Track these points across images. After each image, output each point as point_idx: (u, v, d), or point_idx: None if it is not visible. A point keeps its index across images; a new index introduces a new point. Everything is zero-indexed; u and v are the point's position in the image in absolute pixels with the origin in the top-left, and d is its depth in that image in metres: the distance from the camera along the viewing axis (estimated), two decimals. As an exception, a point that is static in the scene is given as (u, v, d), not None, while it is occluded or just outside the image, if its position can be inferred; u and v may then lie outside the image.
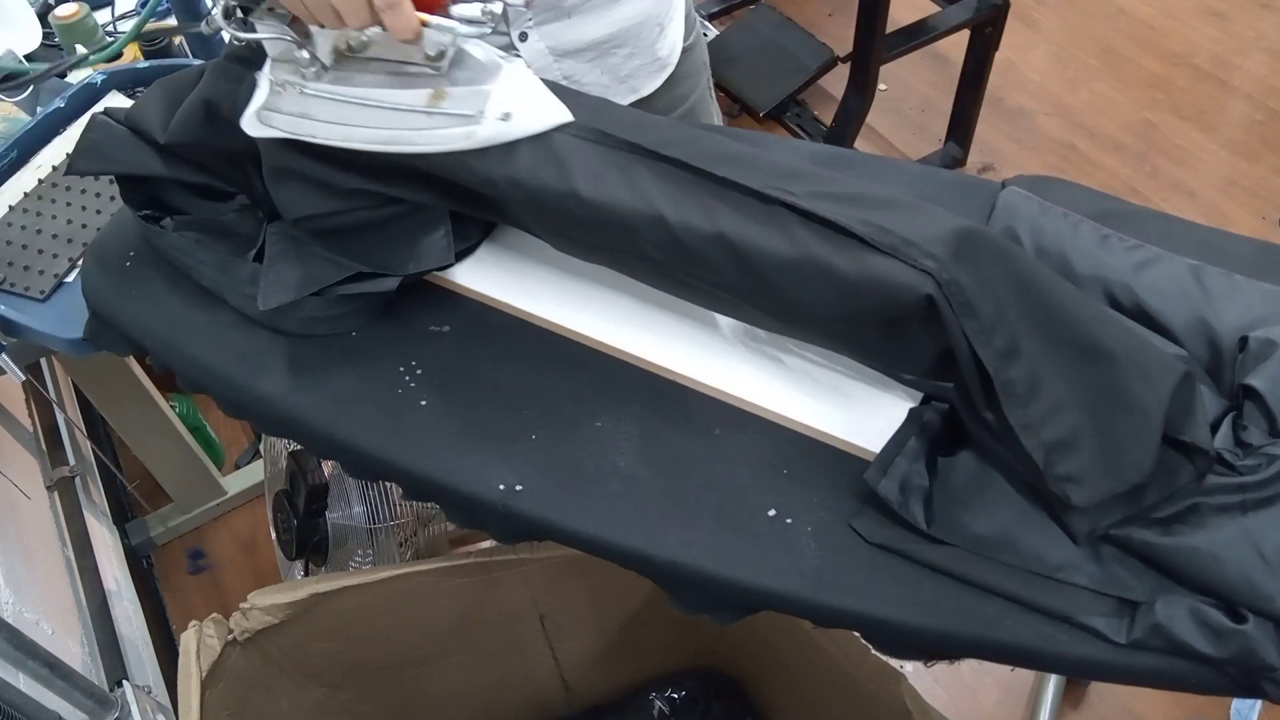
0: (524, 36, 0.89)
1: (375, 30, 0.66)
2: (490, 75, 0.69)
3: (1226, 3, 2.67)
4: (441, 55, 0.68)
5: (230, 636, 0.94)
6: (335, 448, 0.75)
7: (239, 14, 0.69)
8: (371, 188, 0.74)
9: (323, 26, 0.66)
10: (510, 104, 0.68)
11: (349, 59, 0.70)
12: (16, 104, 1.23)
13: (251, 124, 0.73)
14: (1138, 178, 2.29)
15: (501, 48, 0.87)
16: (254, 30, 0.70)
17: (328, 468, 1.25)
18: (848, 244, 0.62)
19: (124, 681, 1.19)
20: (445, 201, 0.77)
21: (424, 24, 0.64)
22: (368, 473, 0.76)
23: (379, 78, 0.70)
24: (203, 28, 0.73)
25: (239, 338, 0.78)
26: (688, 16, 1.07)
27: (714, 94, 1.19)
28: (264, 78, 0.74)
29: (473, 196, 0.75)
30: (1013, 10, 2.07)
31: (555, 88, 0.72)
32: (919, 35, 2.10)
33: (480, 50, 0.69)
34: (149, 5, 1.16)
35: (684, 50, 1.06)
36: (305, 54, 0.70)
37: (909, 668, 1.30)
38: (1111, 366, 0.60)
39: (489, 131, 0.68)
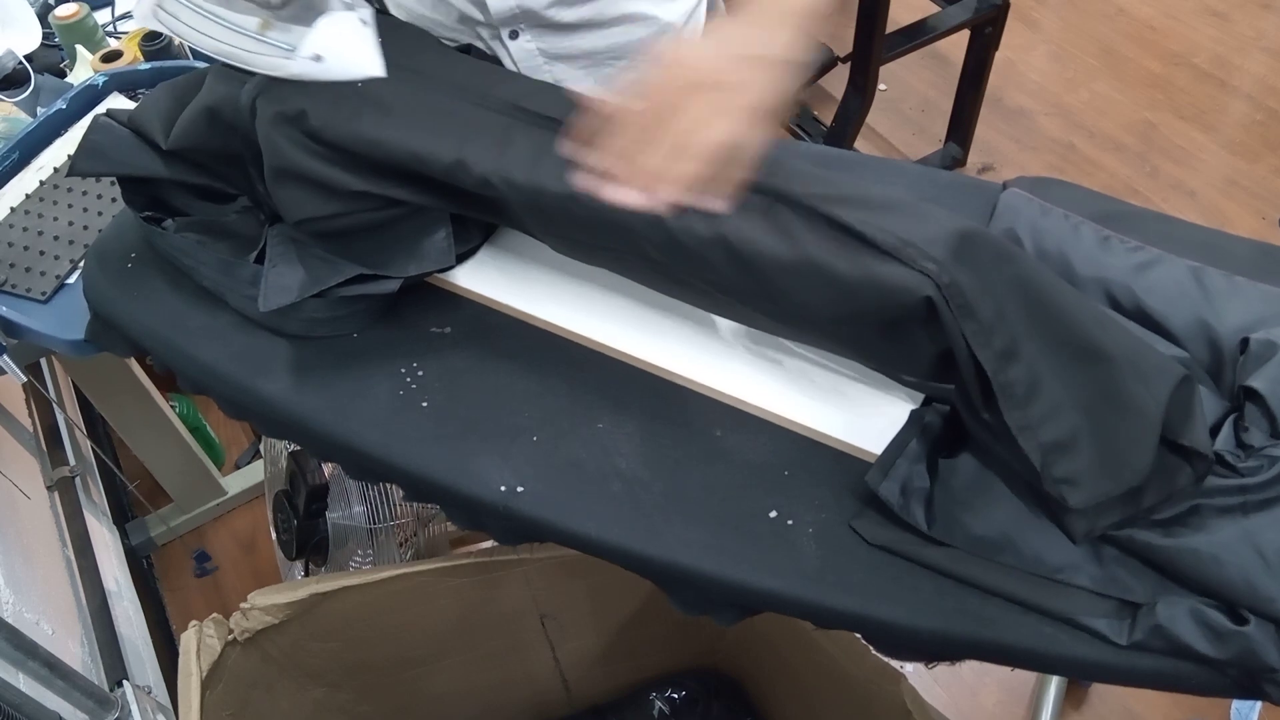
0: (514, 34, 0.88)
1: None
2: (314, 18, 0.75)
3: (1226, 3, 2.67)
4: None
5: (230, 636, 0.94)
6: (336, 449, 0.75)
7: None
8: (374, 190, 0.74)
9: None
10: (324, 47, 0.73)
11: None
12: (17, 104, 1.23)
13: (146, 17, 0.79)
14: (1138, 178, 2.29)
15: (490, 40, 0.87)
16: None
17: (328, 468, 1.25)
18: (847, 245, 0.62)
19: (124, 681, 1.19)
20: (446, 204, 0.77)
21: None
22: (368, 474, 0.76)
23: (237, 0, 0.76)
24: None
25: (240, 339, 0.78)
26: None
27: None
28: None
29: (473, 198, 0.75)
30: (1013, 10, 2.07)
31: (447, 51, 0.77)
32: (919, 35, 2.10)
33: None
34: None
35: None
36: None
37: (909, 668, 1.30)
38: (1110, 369, 0.60)
39: (298, 68, 0.73)
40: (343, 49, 0.74)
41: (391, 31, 0.81)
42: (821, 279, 0.63)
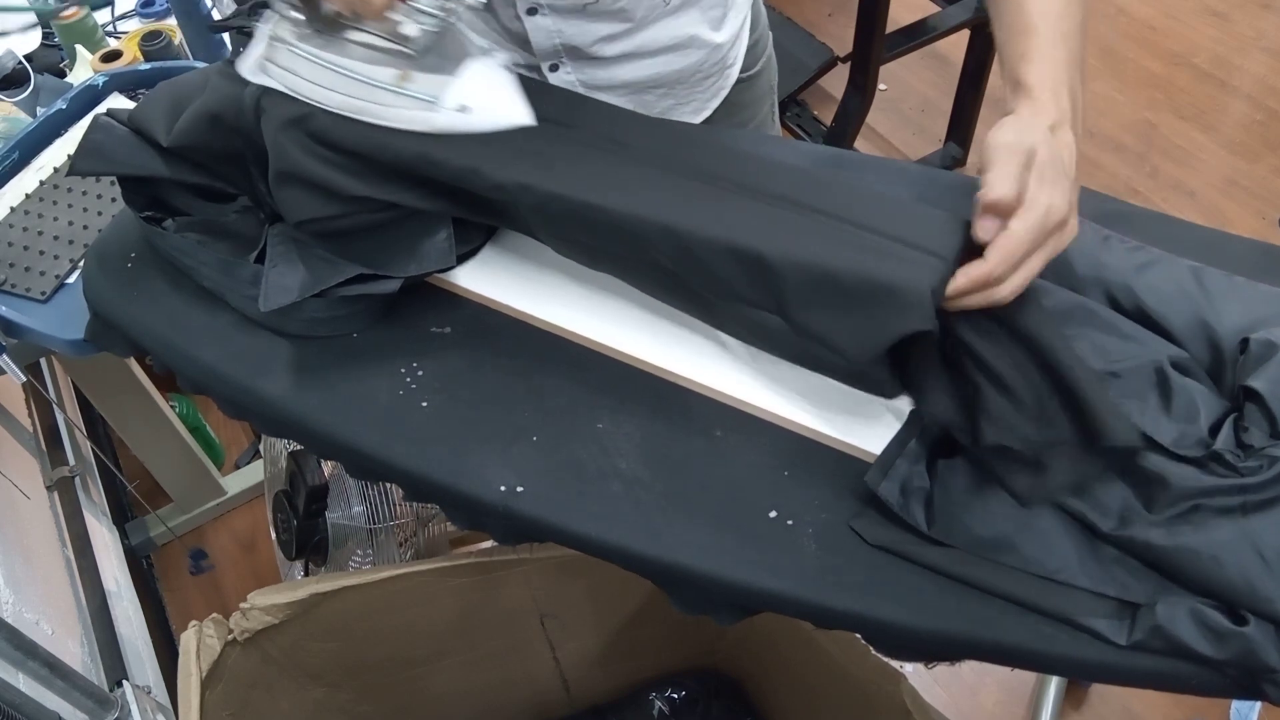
0: (554, 68, 0.88)
1: None
2: (456, 66, 0.72)
3: (1226, 3, 2.67)
4: (414, 38, 0.70)
5: (230, 636, 0.94)
6: (336, 448, 0.75)
7: None
8: (377, 195, 0.74)
9: None
10: (470, 97, 0.71)
11: (337, 23, 0.73)
12: (17, 104, 1.23)
13: (251, 71, 0.75)
14: (1138, 178, 2.29)
15: (528, 72, 0.87)
16: None
17: (328, 468, 1.25)
18: (862, 253, 0.63)
19: (124, 681, 1.19)
20: (451, 208, 0.77)
21: (393, 7, 0.67)
22: (369, 473, 0.76)
23: (359, 48, 0.73)
24: None
25: (240, 339, 0.78)
26: (754, 47, 1.01)
27: (776, 117, 1.13)
28: (262, 31, 0.76)
29: (480, 202, 0.75)
30: (1013, 10, 2.07)
31: (554, 91, 0.73)
32: (919, 35, 2.10)
33: (457, 40, 0.72)
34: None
35: (741, 80, 1.00)
36: (297, 15, 0.73)
37: (909, 668, 1.30)
38: (1044, 328, 0.62)
39: (445, 120, 0.71)
40: (489, 98, 0.72)
41: None
42: (832, 287, 0.63)
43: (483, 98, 0.71)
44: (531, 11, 0.82)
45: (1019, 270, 0.60)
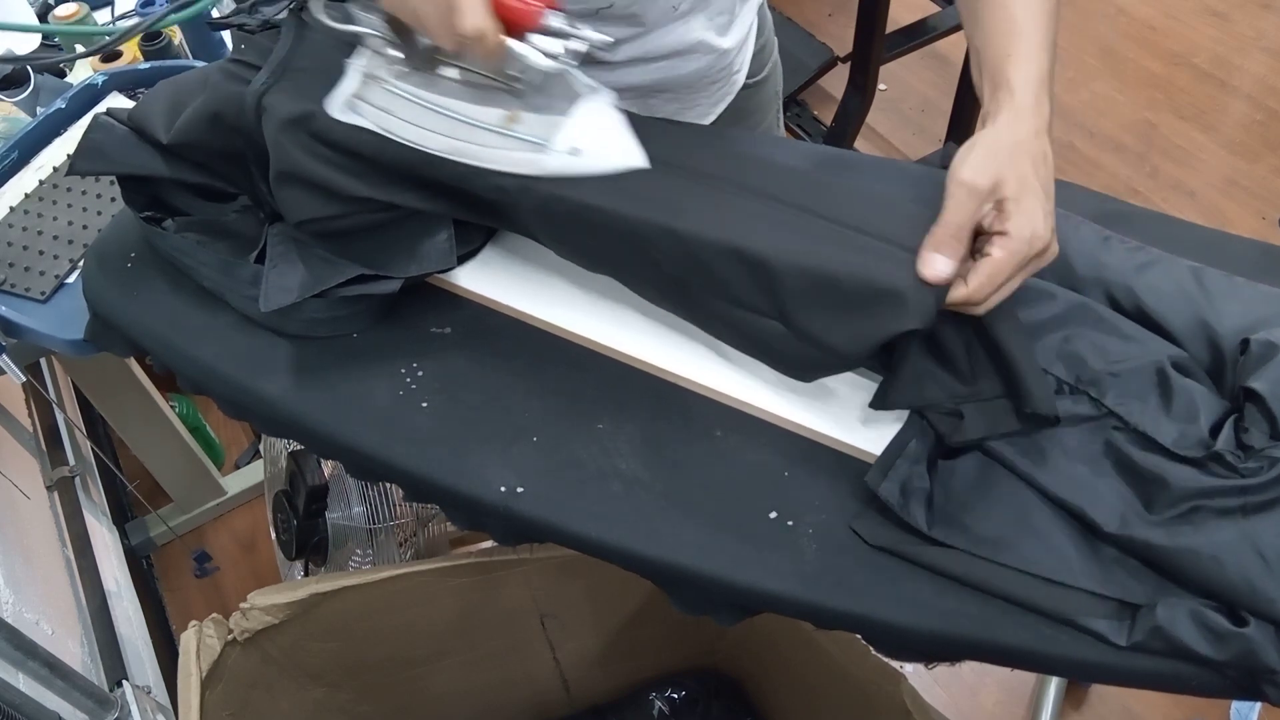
0: None
1: None
2: (567, 106, 0.68)
3: (1226, 3, 2.67)
4: (523, 78, 0.68)
5: (230, 636, 0.94)
6: (336, 449, 0.75)
7: None
8: (378, 196, 0.74)
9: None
10: (581, 140, 0.68)
11: (438, 61, 0.71)
12: (17, 104, 1.22)
13: (341, 110, 0.73)
14: (1138, 178, 2.29)
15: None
16: (351, 21, 0.71)
17: (328, 468, 1.25)
18: (863, 257, 0.64)
19: (124, 681, 1.19)
20: (452, 209, 0.77)
21: (507, 46, 0.63)
22: (369, 474, 0.76)
23: (462, 87, 0.70)
24: (304, 15, 0.73)
25: (240, 339, 0.78)
26: (760, 53, 1.01)
27: (782, 122, 1.13)
28: (355, 67, 0.74)
29: (481, 204, 0.75)
30: (1013, 10, 2.07)
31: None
32: (919, 35, 2.10)
33: (565, 79, 0.69)
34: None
35: (748, 86, 1.00)
36: (395, 52, 0.70)
37: (909, 668, 1.30)
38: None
39: (556, 164, 0.68)
40: (601, 139, 0.69)
41: None
42: (834, 291, 0.64)
43: (594, 139, 0.68)
44: None
45: (998, 292, 0.62)
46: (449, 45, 0.64)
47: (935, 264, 0.62)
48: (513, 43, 0.63)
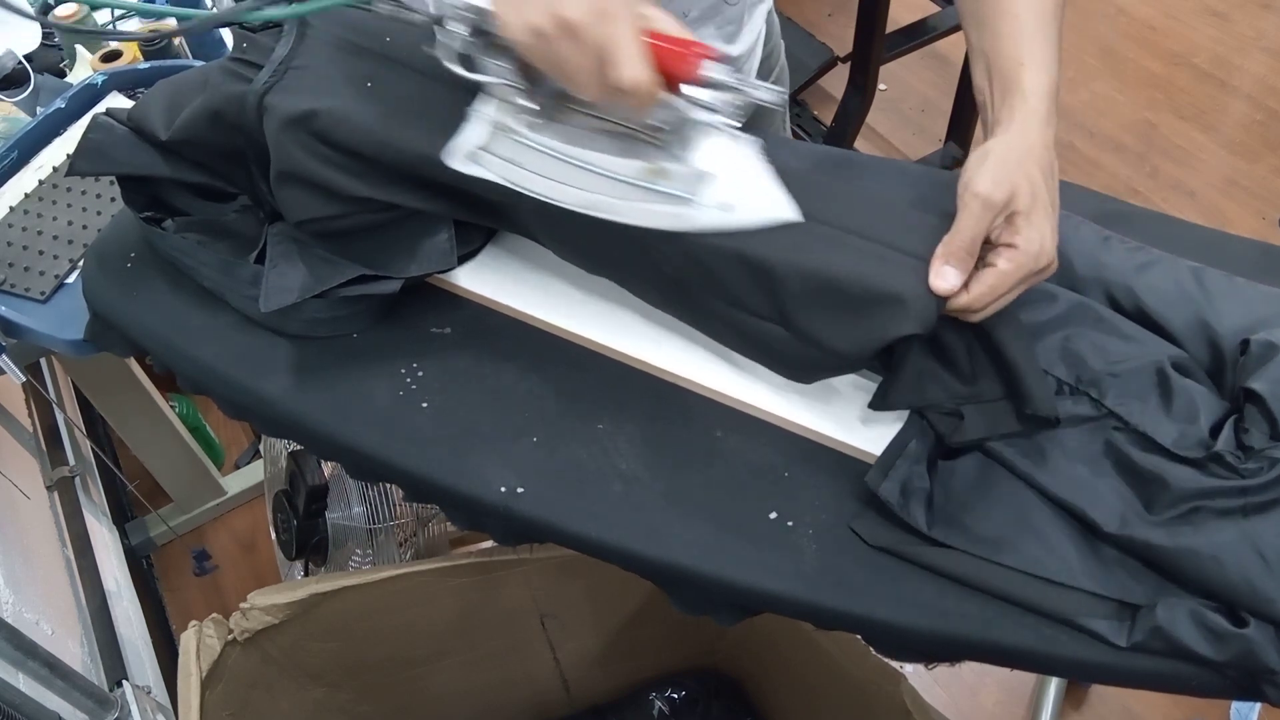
0: None
1: None
2: (717, 159, 0.65)
3: (1226, 3, 2.67)
4: (668, 129, 0.64)
5: (230, 636, 0.94)
6: (336, 449, 0.75)
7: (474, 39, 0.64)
8: (379, 196, 0.74)
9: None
10: (733, 194, 0.64)
11: (570, 110, 0.67)
12: (17, 104, 1.22)
13: (461, 162, 0.70)
14: (1138, 178, 2.29)
15: None
16: (479, 69, 0.66)
17: (328, 468, 1.25)
18: (865, 262, 0.64)
19: (124, 681, 1.19)
20: (453, 210, 0.77)
21: (656, 97, 0.59)
22: (369, 474, 0.76)
23: (596, 137, 0.67)
24: (439, 54, 0.66)
25: (240, 339, 0.78)
26: (767, 59, 0.99)
27: (788, 128, 1.12)
28: (480, 116, 0.70)
29: (482, 204, 0.75)
30: (1013, 10, 2.07)
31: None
32: (919, 35, 2.10)
33: (710, 130, 0.65)
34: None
35: None
36: (527, 103, 0.66)
37: (909, 668, 1.30)
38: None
39: (706, 219, 0.64)
40: (751, 192, 0.65)
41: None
42: (838, 295, 0.64)
43: (744, 192, 0.64)
44: None
45: (997, 302, 0.63)
46: (599, 98, 0.60)
47: (947, 276, 0.62)
48: (668, 95, 0.59)
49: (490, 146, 0.69)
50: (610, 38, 0.56)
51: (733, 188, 0.64)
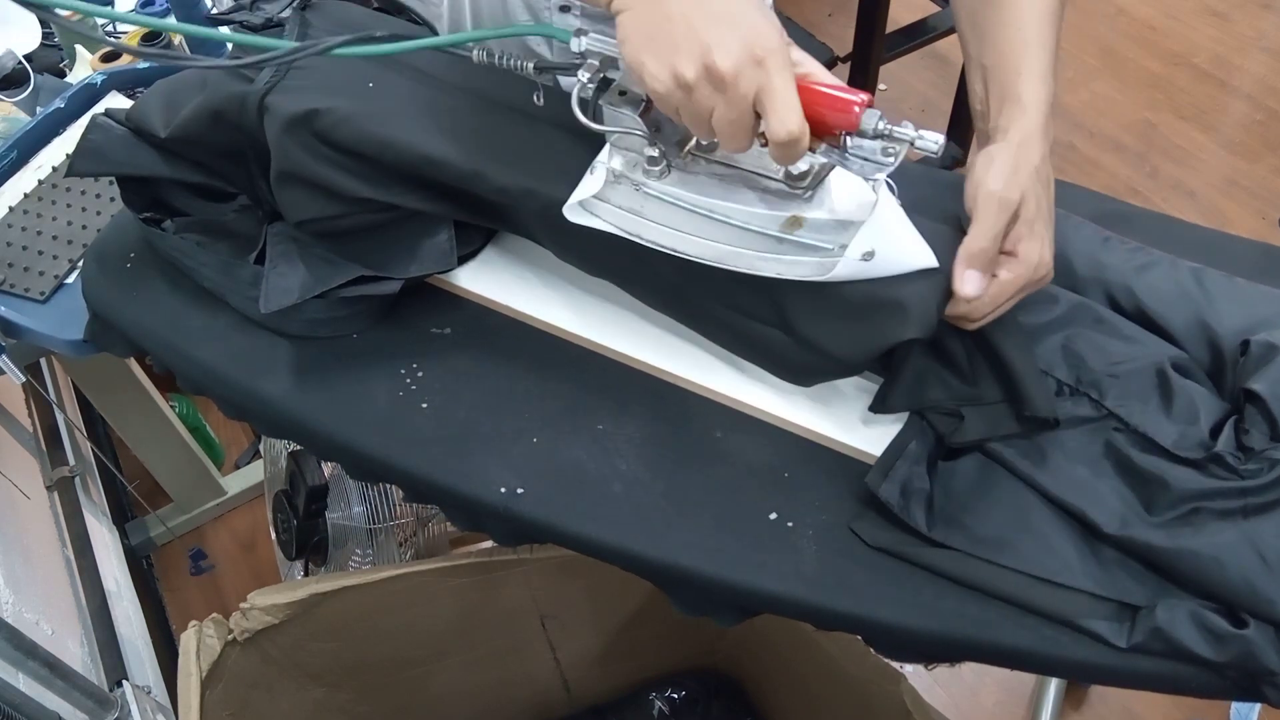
0: (565, 9, 0.80)
1: None
2: (858, 207, 0.62)
3: (1226, 3, 2.67)
4: (807, 176, 0.62)
5: (230, 636, 0.94)
6: (336, 449, 0.75)
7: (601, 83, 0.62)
8: (380, 197, 0.74)
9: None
10: (875, 242, 0.61)
11: (697, 157, 0.64)
12: (16, 104, 1.22)
13: (574, 211, 0.66)
14: (1138, 178, 2.29)
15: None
16: (604, 120, 0.64)
17: (328, 468, 1.25)
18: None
19: (124, 681, 1.19)
20: (453, 211, 0.77)
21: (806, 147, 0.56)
22: (369, 474, 0.76)
23: (727, 186, 0.63)
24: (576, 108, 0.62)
25: (240, 339, 0.78)
26: None
27: None
28: (601, 166, 0.66)
29: (483, 206, 0.75)
30: (1013, 10, 2.07)
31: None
32: (919, 35, 2.10)
33: (849, 177, 0.62)
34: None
35: None
36: (653, 151, 0.63)
37: (909, 668, 1.30)
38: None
39: (848, 270, 0.61)
40: (893, 241, 0.61)
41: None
42: (837, 302, 0.64)
43: (886, 241, 0.61)
44: (564, 9, 0.78)
45: (995, 311, 0.63)
46: (741, 148, 0.57)
47: (972, 280, 0.61)
48: (822, 144, 0.57)
49: (605, 195, 0.66)
50: (766, 88, 0.53)
51: (873, 236, 0.61)
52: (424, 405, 0.74)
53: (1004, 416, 0.65)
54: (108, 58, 1.28)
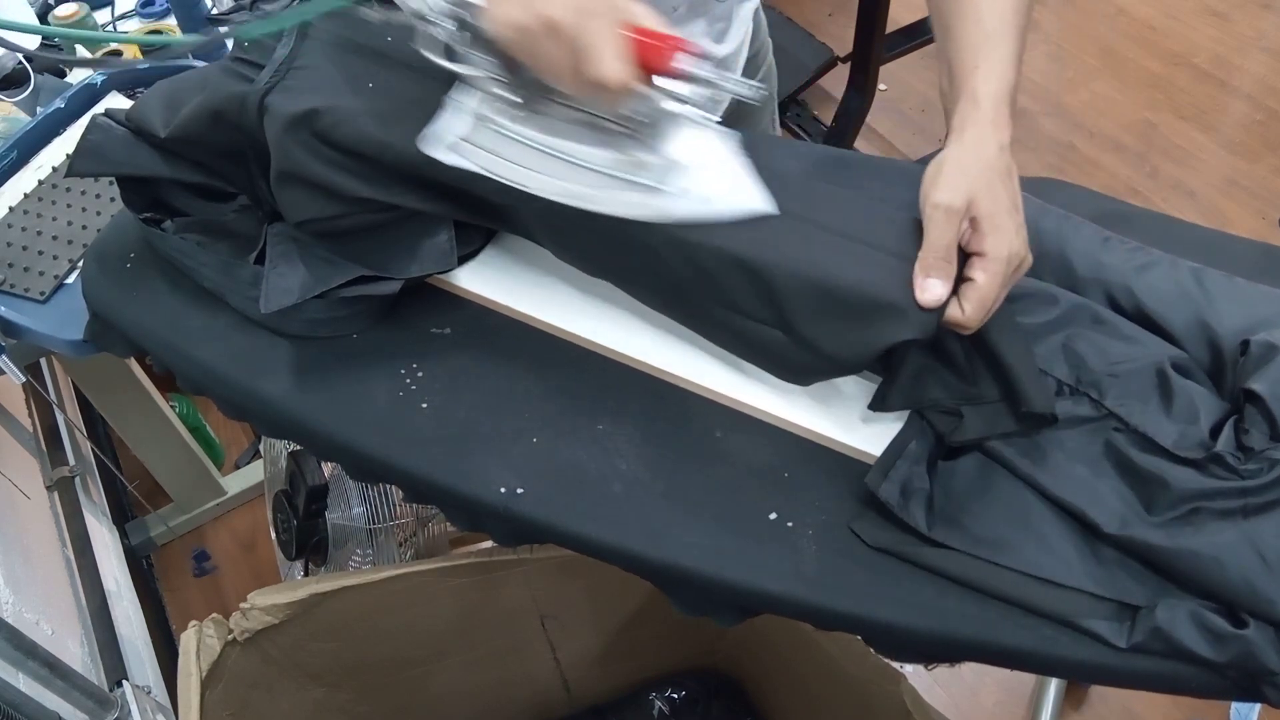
0: None
1: None
2: (692, 151, 0.66)
3: (1226, 3, 2.67)
4: (645, 121, 0.65)
5: (230, 636, 0.94)
6: (336, 450, 0.75)
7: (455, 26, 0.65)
8: (380, 197, 0.74)
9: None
10: (706, 185, 0.66)
11: (550, 102, 0.68)
12: (16, 104, 1.22)
13: (442, 151, 0.70)
14: (1138, 178, 2.29)
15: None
16: (461, 60, 0.67)
17: (328, 468, 1.25)
18: (865, 269, 0.64)
19: (124, 681, 1.19)
20: (454, 211, 0.77)
21: (632, 90, 0.60)
22: (368, 475, 0.76)
23: (575, 128, 0.68)
24: (421, 46, 0.68)
25: (240, 339, 0.78)
26: (754, 58, 1.00)
27: (777, 125, 1.12)
28: (460, 107, 0.71)
29: (483, 206, 0.75)
30: (1013, 10, 2.07)
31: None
32: (919, 35, 2.10)
33: (688, 123, 0.66)
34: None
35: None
36: (508, 94, 0.68)
37: (909, 668, 1.30)
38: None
39: (678, 210, 0.66)
40: (726, 183, 0.66)
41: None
42: (836, 300, 0.64)
43: (718, 184, 0.66)
44: None
45: (988, 312, 0.63)
46: (577, 91, 0.62)
47: (933, 289, 0.63)
48: (643, 88, 0.60)
49: (472, 137, 0.70)
50: (589, 32, 0.58)
51: (706, 180, 0.66)
52: (424, 405, 0.74)
53: (1003, 415, 0.65)
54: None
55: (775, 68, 1.07)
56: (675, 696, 1.31)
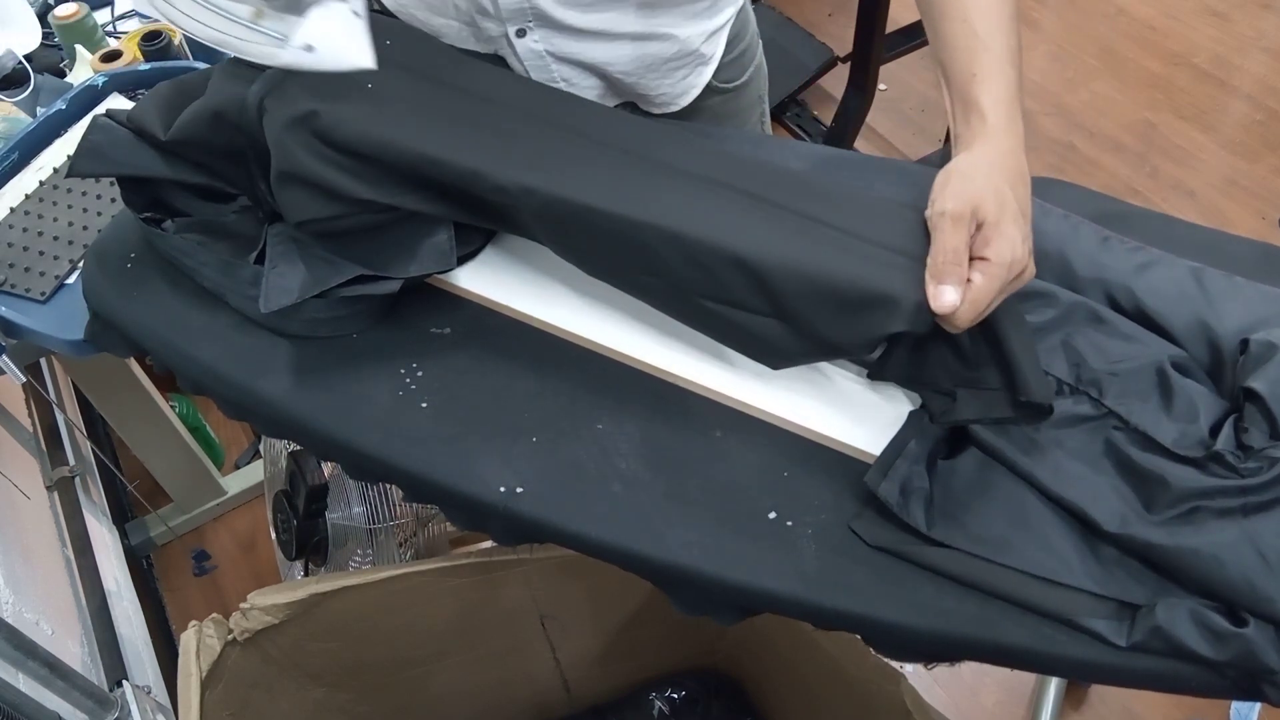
0: (521, 33, 0.86)
1: None
2: (305, 6, 0.72)
3: (1226, 3, 2.67)
4: None
5: (230, 636, 0.94)
6: (336, 449, 0.75)
7: None
8: (380, 198, 0.74)
9: None
10: (315, 37, 0.71)
11: None
12: (17, 104, 1.22)
13: (142, 2, 0.77)
14: (1138, 178, 2.29)
15: (496, 38, 0.86)
16: None
17: (328, 468, 1.25)
18: (861, 264, 0.65)
19: (124, 681, 1.19)
20: (454, 213, 0.77)
21: None
22: (368, 474, 0.76)
23: None
24: None
25: (240, 339, 0.78)
26: (740, 57, 1.00)
27: (768, 125, 1.13)
28: None
29: (483, 206, 0.75)
30: (1013, 10, 2.07)
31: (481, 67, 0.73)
32: (919, 35, 2.10)
33: None
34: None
35: (728, 90, 1.00)
36: None
37: (909, 668, 1.30)
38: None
39: (289, 58, 0.70)
40: (334, 40, 0.72)
41: (411, 39, 0.81)
42: (833, 299, 0.64)
43: (328, 39, 0.71)
44: None
45: (980, 314, 0.63)
46: None
47: (945, 295, 0.62)
48: None
49: None
50: None
51: (317, 34, 0.70)
52: (424, 405, 0.74)
53: (999, 401, 0.65)
54: (108, 58, 1.28)
55: (765, 66, 1.07)
56: (675, 696, 1.31)
